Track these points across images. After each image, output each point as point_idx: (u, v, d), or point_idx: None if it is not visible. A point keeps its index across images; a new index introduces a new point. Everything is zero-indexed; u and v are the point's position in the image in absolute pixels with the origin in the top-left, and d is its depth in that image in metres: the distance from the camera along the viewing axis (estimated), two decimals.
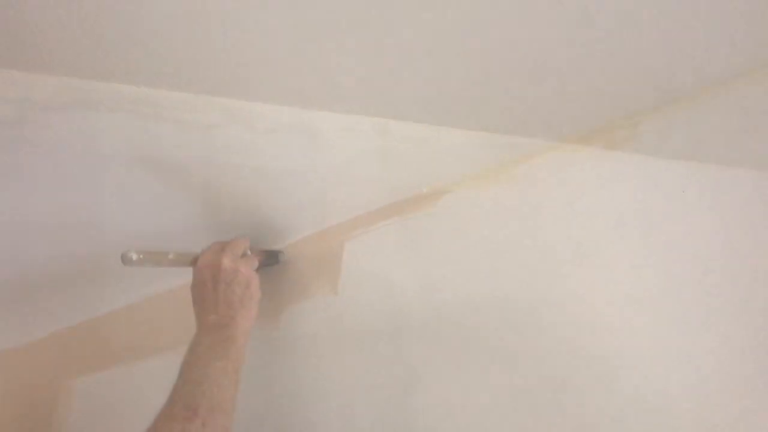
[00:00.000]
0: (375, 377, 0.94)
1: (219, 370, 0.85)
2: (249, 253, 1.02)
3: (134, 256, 0.92)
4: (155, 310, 1.25)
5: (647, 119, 0.85)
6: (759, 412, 0.67)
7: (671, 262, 0.77)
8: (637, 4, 0.71)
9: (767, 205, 0.73)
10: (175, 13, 0.71)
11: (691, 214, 0.77)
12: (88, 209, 1.06)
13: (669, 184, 0.80)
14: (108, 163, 0.95)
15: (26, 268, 1.24)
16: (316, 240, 1.10)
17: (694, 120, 0.81)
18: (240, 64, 0.80)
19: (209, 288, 0.94)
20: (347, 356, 0.98)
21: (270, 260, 1.08)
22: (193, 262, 0.99)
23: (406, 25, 0.73)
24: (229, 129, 0.90)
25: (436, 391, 0.89)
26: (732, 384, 0.69)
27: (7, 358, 1.38)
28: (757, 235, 0.73)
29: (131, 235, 1.06)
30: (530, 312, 0.85)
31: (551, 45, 0.77)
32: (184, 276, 1.22)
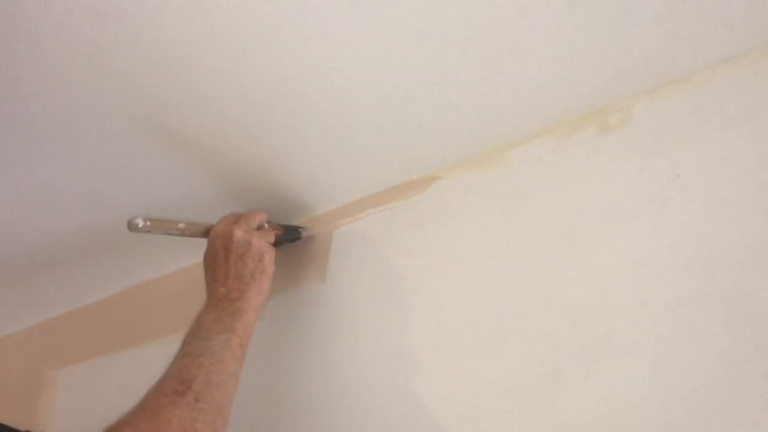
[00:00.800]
0: (364, 366, 0.93)
1: (222, 343, 0.81)
2: (266, 226, 0.98)
3: (140, 223, 0.88)
4: (140, 300, 1.24)
5: (642, 102, 0.83)
6: (760, 406, 0.65)
7: (667, 248, 0.75)
8: None
9: (766, 189, 0.71)
10: None
11: (687, 199, 0.75)
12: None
13: (664, 169, 0.78)
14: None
15: (13, 256, 1.23)
16: (305, 227, 1.08)
17: (690, 103, 0.79)
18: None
19: (221, 259, 0.91)
20: (335, 344, 0.96)
21: (290, 235, 1.04)
22: (206, 232, 0.95)
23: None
24: None
25: (428, 378, 0.87)
26: (730, 376, 0.67)
27: None
28: (755, 220, 0.71)
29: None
30: (522, 300, 0.83)
31: (542, 26, 0.75)
32: (169, 266, 1.21)
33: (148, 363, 0.79)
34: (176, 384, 0.74)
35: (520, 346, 0.81)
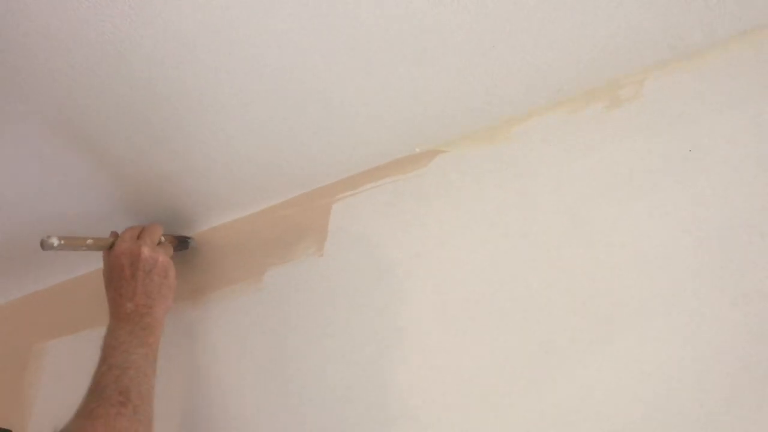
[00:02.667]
0: (360, 339, 0.90)
1: (142, 357, 0.84)
2: (163, 239, 1.01)
3: (55, 242, 0.90)
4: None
5: (653, 76, 0.81)
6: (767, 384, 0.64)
7: (678, 225, 0.73)
8: None
9: None
10: None
11: (699, 175, 0.73)
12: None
13: (676, 144, 0.76)
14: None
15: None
16: (302, 202, 1.06)
17: (703, 77, 0.77)
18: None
19: (127, 275, 0.92)
20: (332, 318, 0.94)
21: (181, 246, 1.08)
22: (109, 246, 0.97)
23: None
24: None
25: (424, 353, 0.85)
26: (738, 355, 0.66)
27: None
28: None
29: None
30: (523, 277, 0.81)
31: None
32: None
33: None
34: (117, 395, 0.78)
35: (520, 323, 0.79)
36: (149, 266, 0.93)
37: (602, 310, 0.75)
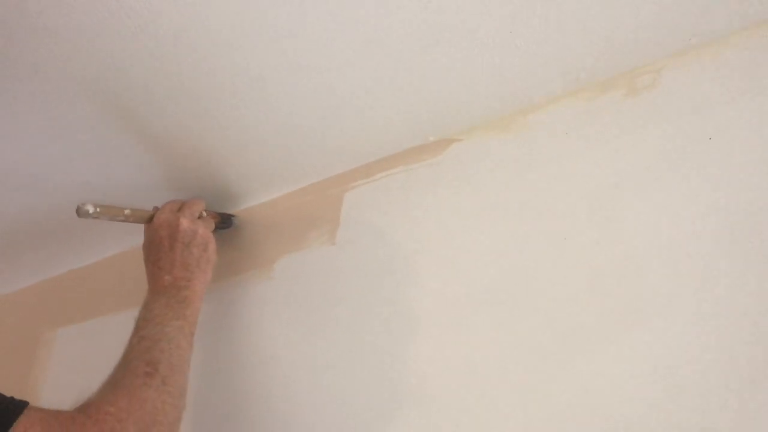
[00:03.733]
0: (372, 328, 0.90)
1: (176, 329, 0.83)
2: (204, 214, 0.99)
3: (90, 209, 0.89)
4: (136, 263, 1.21)
5: (672, 65, 0.80)
6: None
7: (698, 214, 0.72)
8: None
9: None
10: None
11: (719, 163, 0.72)
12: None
13: (695, 132, 0.75)
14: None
15: (8, 217, 1.20)
16: (315, 190, 1.05)
17: (721, 65, 0.76)
18: None
19: (165, 247, 0.91)
20: (343, 306, 0.94)
21: (224, 223, 1.06)
22: (149, 219, 0.95)
23: None
24: None
25: (436, 343, 0.84)
26: (760, 345, 0.65)
27: None
28: None
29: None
30: (540, 265, 0.80)
31: None
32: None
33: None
34: (145, 366, 0.76)
35: (534, 314, 0.78)
36: (188, 238, 0.91)
37: (620, 302, 0.74)
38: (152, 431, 0.71)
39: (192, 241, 0.91)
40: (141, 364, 0.76)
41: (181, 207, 0.95)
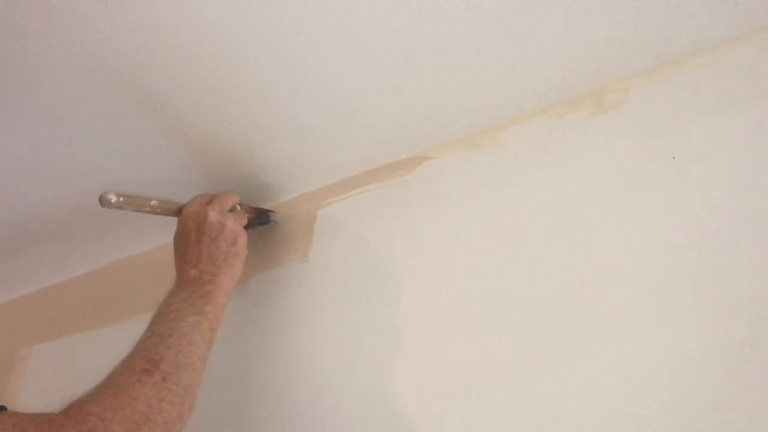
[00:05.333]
0: (345, 348, 0.90)
1: (192, 325, 0.78)
2: (239, 208, 0.96)
3: (113, 198, 0.85)
4: (113, 280, 1.21)
5: (640, 83, 0.80)
6: (753, 384, 0.63)
7: (661, 230, 0.72)
8: None
9: (762, 173, 0.69)
10: None
11: (682, 181, 0.73)
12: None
13: (660, 151, 0.75)
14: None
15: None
16: (288, 207, 1.05)
17: (688, 84, 0.77)
18: None
19: (192, 240, 0.88)
20: (316, 325, 0.93)
21: (261, 219, 1.02)
22: (178, 211, 0.92)
23: None
24: None
25: (413, 361, 0.84)
26: (724, 357, 0.65)
27: None
28: (750, 202, 0.69)
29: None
30: (511, 282, 0.80)
31: (538, 1, 0.73)
32: (142, 246, 1.18)
33: (119, 342, 0.76)
34: (144, 363, 0.72)
35: (508, 329, 0.78)
36: (215, 231, 0.88)
37: (587, 315, 0.74)
38: (143, 430, 0.66)
39: (220, 235, 0.88)
40: (140, 360, 0.72)
41: (211, 200, 0.92)
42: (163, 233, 1.12)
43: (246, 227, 0.94)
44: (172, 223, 0.93)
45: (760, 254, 0.67)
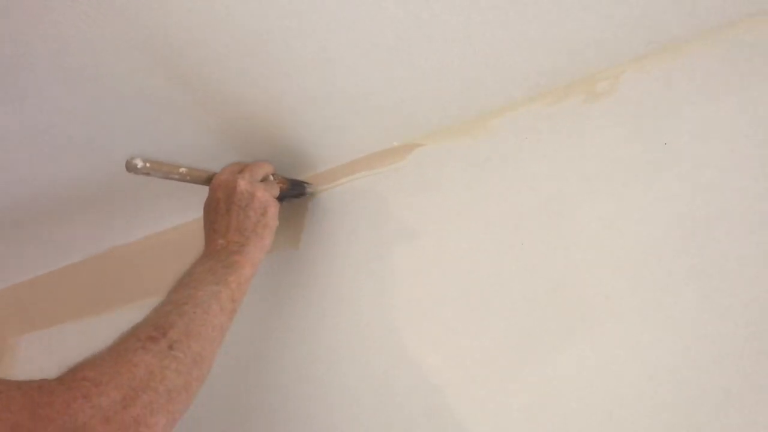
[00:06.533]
0: (337, 336, 0.90)
1: (210, 294, 0.75)
2: (272, 179, 0.93)
3: (139, 163, 0.82)
4: (102, 269, 1.20)
5: (630, 70, 0.80)
6: (740, 376, 0.64)
7: (651, 217, 0.73)
8: None
9: (753, 159, 0.69)
10: None
11: (673, 168, 0.73)
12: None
13: (652, 137, 0.75)
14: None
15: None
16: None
17: (678, 71, 0.77)
18: None
19: (222, 209, 0.86)
20: (306, 313, 0.93)
21: (295, 190, 0.99)
22: (207, 180, 0.90)
23: None
24: None
25: (405, 348, 0.84)
26: (714, 347, 0.66)
27: None
28: (741, 188, 0.69)
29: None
30: (502, 269, 0.81)
31: None
32: (132, 236, 1.17)
33: (108, 332, 0.74)
34: (151, 330, 0.69)
35: (500, 315, 0.79)
36: (245, 201, 0.86)
37: (577, 302, 0.75)
38: (141, 397, 0.62)
39: (249, 204, 0.85)
40: (148, 327, 0.69)
41: (242, 169, 0.89)
42: (155, 222, 1.12)
43: (279, 199, 0.92)
44: (167, 209, 0.91)
45: (753, 240, 0.67)
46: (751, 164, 0.70)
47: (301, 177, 1.02)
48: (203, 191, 0.90)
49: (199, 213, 0.90)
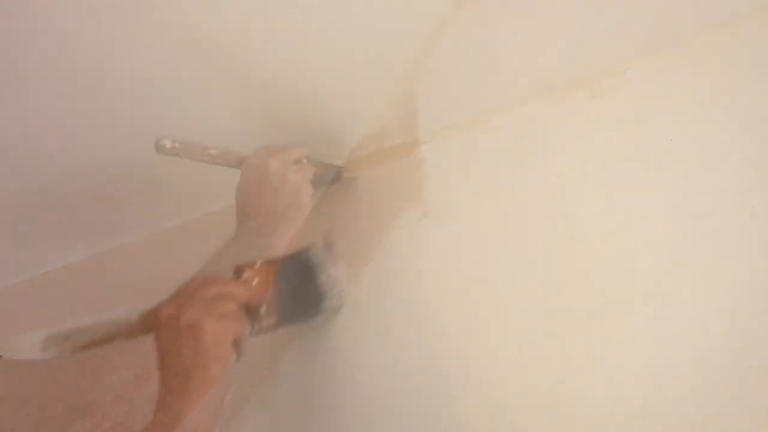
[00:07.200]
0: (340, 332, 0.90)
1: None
2: (305, 162, 0.91)
3: (168, 143, 0.80)
4: (99, 270, 1.20)
5: (636, 67, 0.79)
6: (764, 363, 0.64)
7: (658, 215, 0.73)
8: None
9: (761, 155, 0.69)
10: None
11: (679, 164, 0.73)
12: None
13: (657, 134, 0.75)
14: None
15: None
16: None
17: (685, 68, 0.76)
18: None
19: (253, 192, 0.84)
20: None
21: (330, 175, 0.97)
22: (239, 162, 0.87)
23: None
24: None
25: (406, 344, 0.85)
26: (729, 338, 0.66)
27: None
28: (748, 185, 0.69)
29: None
30: (505, 270, 0.80)
31: None
32: (136, 233, 1.17)
33: None
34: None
35: (500, 315, 0.79)
36: (277, 183, 0.83)
37: (584, 304, 0.74)
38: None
39: (281, 187, 0.84)
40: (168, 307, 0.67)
41: (275, 151, 0.87)
42: (148, 224, 1.11)
43: (315, 183, 0.91)
44: (168, 209, 0.90)
45: (760, 236, 0.67)
46: (760, 161, 0.69)
47: (336, 162, 1.00)
48: (204, 191, 0.90)
49: (200, 211, 0.90)
